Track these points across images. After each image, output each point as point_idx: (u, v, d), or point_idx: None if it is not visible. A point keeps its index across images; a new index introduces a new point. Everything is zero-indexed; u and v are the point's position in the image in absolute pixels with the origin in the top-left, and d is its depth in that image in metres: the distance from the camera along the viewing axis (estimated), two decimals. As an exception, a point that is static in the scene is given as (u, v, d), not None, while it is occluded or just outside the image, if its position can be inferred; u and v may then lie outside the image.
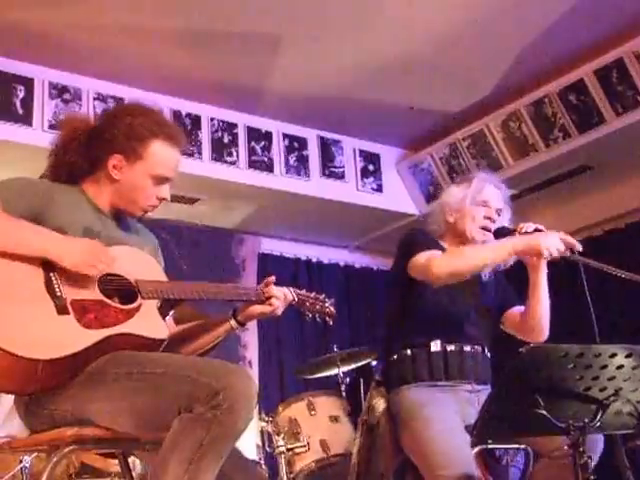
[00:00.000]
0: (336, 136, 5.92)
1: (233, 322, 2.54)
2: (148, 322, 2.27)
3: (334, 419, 4.13)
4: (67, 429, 2.18)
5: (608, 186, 5.71)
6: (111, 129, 2.39)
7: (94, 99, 4.94)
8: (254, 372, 5.78)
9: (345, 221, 6.21)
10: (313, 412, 4.12)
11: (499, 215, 3.14)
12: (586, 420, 2.37)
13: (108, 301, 2.24)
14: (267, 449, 4.08)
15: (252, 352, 5.97)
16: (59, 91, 4.85)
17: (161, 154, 2.40)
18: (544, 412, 2.32)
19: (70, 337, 2.12)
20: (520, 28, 4.74)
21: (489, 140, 5.60)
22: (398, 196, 6.15)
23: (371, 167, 6.05)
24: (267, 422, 4.10)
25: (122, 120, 2.40)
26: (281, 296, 2.55)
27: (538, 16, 4.65)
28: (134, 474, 3.44)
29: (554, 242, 2.80)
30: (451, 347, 3.02)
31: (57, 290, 2.15)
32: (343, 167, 5.90)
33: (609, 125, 5.04)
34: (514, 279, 3.23)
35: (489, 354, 3.15)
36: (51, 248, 2.16)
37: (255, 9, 4.47)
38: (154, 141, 2.39)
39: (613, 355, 2.28)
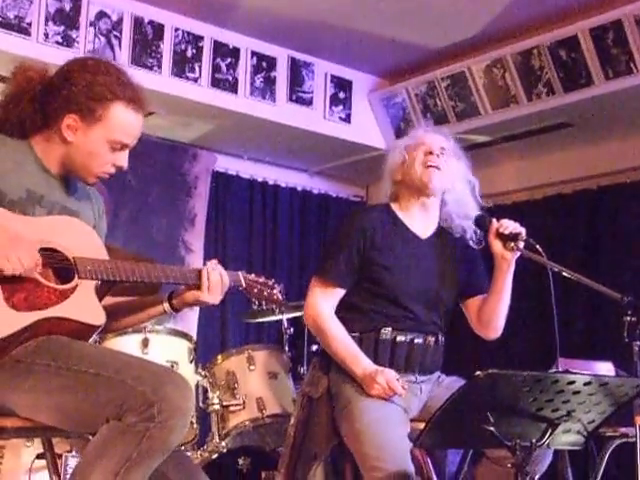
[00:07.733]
0: (308, 58, 5.55)
1: (167, 306, 2.39)
2: (84, 305, 2.13)
3: (273, 376, 4.02)
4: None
5: (586, 146, 5.47)
6: (69, 85, 2.17)
7: (48, -3, 4.46)
8: (195, 315, 5.49)
9: (308, 149, 5.91)
10: (252, 367, 4.00)
11: (443, 153, 2.95)
12: (533, 440, 2.35)
13: (42, 280, 2.07)
14: (201, 405, 3.91)
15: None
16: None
17: (122, 118, 2.20)
18: (492, 429, 2.30)
19: None
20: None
21: (469, 84, 5.28)
22: (366, 128, 5.82)
23: (342, 95, 5.71)
24: (204, 376, 3.93)
25: (82, 76, 2.18)
26: (217, 282, 2.32)
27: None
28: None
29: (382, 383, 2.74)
30: (401, 338, 2.88)
31: None
32: (312, 93, 5.55)
33: (597, 88, 4.75)
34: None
35: (443, 340, 3.00)
36: None
37: None
38: (116, 103, 2.18)
39: (571, 382, 2.26)
